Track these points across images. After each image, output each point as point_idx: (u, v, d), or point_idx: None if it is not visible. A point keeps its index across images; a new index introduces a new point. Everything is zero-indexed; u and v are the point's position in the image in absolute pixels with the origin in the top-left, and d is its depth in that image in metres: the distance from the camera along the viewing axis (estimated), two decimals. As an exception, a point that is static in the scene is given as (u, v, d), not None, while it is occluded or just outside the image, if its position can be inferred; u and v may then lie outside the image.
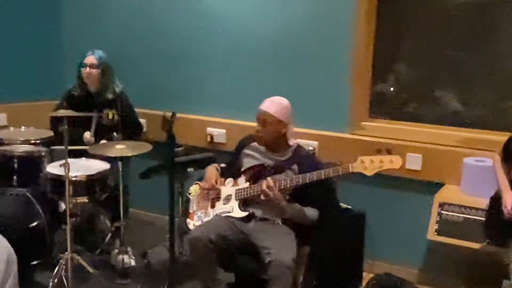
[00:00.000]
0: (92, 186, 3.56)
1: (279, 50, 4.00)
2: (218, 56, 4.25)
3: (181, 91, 4.43)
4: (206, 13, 4.23)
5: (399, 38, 3.84)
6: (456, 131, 3.63)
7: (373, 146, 3.01)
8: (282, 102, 3.19)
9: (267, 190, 3.00)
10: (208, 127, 4.29)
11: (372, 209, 3.62)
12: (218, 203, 3.28)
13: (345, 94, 3.81)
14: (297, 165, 3.17)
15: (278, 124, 3.15)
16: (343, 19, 3.73)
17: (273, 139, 3.20)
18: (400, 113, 3.87)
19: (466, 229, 3.21)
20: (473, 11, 3.62)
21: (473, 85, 3.69)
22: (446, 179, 3.54)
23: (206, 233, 3.01)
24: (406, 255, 3.75)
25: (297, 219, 3.11)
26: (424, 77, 3.84)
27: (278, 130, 3.17)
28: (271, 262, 2.86)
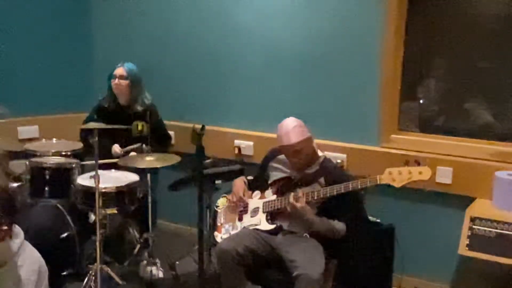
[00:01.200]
0: (121, 198, 3.60)
1: (308, 64, 4.00)
2: (247, 69, 4.27)
3: (209, 103, 4.46)
4: (236, 28, 4.25)
5: (428, 51, 3.80)
6: (487, 144, 3.57)
7: (402, 159, 2.98)
8: (295, 124, 3.15)
9: (294, 202, 2.99)
10: (236, 140, 4.30)
11: (402, 223, 3.58)
12: (245, 216, 3.29)
13: (375, 107, 3.78)
14: (324, 177, 3.16)
15: (308, 144, 3.15)
16: (372, 32, 3.71)
17: (310, 158, 3.20)
18: (430, 126, 3.83)
19: (499, 244, 3.14)
20: (503, 23, 3.57)
21: (503, 97, 3.63)
22: (478, 193, 3.47)
23: (234, 246, 3.02)
24: (436, 270, 3.69)
25: (324, 233, 3.09)
26: (454, 89, 3.79)
27: (310, 148, 3.17)
28: (298, 276, 2.85)
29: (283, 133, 3.14)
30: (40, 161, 3.80)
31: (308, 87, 4.03)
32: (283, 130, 3.15)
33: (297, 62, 4.04)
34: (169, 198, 4.01)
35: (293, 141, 3.10)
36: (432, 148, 3.65)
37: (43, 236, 3.47)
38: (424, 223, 3.70)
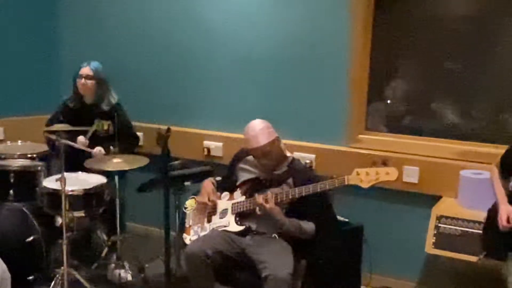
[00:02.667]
0: (89, 200, 3.55)
1: (277, 65, 4.01)
2: (215, 70, 4.26)
3: (178, 104, 4.43)
4: (205, 28, 4.24)
5: (395, 52, 3.84)
6: (453, 143, 3.63)
7: (369, 159, 3.01)
8: (262, 125, 3.15)
9: (263, 203, 2.99)
10: (205, 140, 4.29)
11: (370, 222, 3.61)
12: (214, 217, 3.27)
13: (342, 107, 3.81)
14: (293, 178, 3.17)
15: (275, 145, 3.15)
16: (340, 34, 3.74)
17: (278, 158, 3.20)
18: (397, 126, 3.88)
19: (464, 242, 3.19)
20: (469, 25, 3.63)
21: (469, 98, 3.69)
22: (444, 192, 3.53)
23: (203, 247, 3.01)
24: (404, 268, 3.74)
25: (294, 233, 3.10)
26: (421, 90, 3.84)
27: (278, 149, 3.18)
28: (267, 277, 2.85)
29: (251, 136, 3.14)
30: (5, 164, 3.73)
31: (276, 88, 4.04)
32: (251, 132, 3.14)
33: (266, 63, 4.04)
34: (138, 200, 3.98)
35: (261, 143, 3.10)
36: (399, 147, 3.70)
37: (8, 241, 3.43)
38: (392, 222, 3.75)
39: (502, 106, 3.59)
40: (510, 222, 2.70)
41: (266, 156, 3.14)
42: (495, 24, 3.56)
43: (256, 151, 3.14)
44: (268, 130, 3.14)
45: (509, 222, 2.70)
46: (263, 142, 3.10)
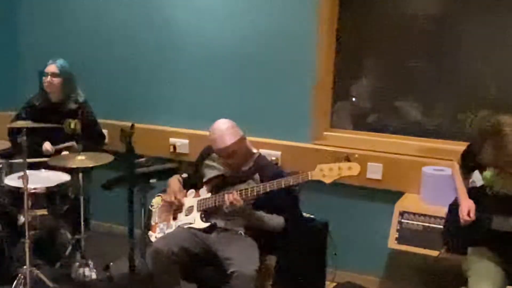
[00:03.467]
0: (52, 198, 3.51)
1: (243, 63, 4.02)
2: (181, 67, 4.25)
3: (144, 101, 4.40)
4: (170, 24, 4.22)
5: (360, 50, 3.90)
6: (415, 140, 3.70)
7: (334, 156, 3.04)
8: (227, 125, 3.13)
9: (232, 200, 2.99)
10: (171, 138, 4.27)
11: (335, 218, 3.65)
12: (180, 215, 3.27)
13: (308, 105, 3.85)
14: (259, 174, 3.18)
15: (241, 144, 3.15)
16: (304, 33, 3.78)
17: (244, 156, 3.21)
18: (361, 124, 3.93)
19: (426, 237, 3.26)
20: (432, 24, 3.70)
21: (432, 95, 3.76)
22: (406, 188, 3.60)
23: (168, 245, 3.00)
24: (368, 264, 3.80)
25: (262, 227, 3.11)
26: (385, 87, 3.90)
27: (244, 148, 3.18)
28: (233, 273, 2.86)
29: (217, 136, 3.11)
30: (-35, 162, 3.65)
31: (243, 85, 4.05)
32: (217, 132, 3.12)
33: (232, 61, 4.05)
34: (103, 198, 3.94)
35: (227, 143, 3.08)
36: (363, 144, 3.75)
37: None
38: (356, 218, 3.81)
39: (463, 103, 3.66)
40: (471, 215, 2.76)
41: (232, 156, 3.13)
42: (457, 24, 3.64)
43: (223, 151, 3.13)
44: (233, 129, 3.13)
45: (469, 216, 2.76)
46: (229, 142, 3.08)
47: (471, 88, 3.63)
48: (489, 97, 3.59)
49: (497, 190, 2.72)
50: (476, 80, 3.63)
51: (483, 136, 2.51)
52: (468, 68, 3.63)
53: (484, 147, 2.52)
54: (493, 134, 2.47)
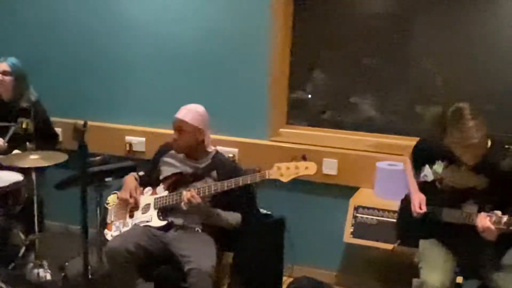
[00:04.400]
0: (5, 198, 3.44)
1: (198, 59, 4.01)
2: (137, 64, 4.21)
3: (99, 99, 4.34)
4: (127, 22, 4.18)
5: (315, 47, 3.94)
6: (369, 136, 3.77)
7: (290, 152, 3.08)
8: (198, 109, 3.21)
9: (191, 198, 2.99)
10: (127, 136, 4.23)
11: (292, 214, 3.69)
12: (136, 213, 3.25)
13: (264, 102, 3.88)
14: (216, 171, 3.19)
15: (195, 132, 3.17)
16: (260, 29, 3.80)
17: (191, 146, 3.21)
18: (317, 120, 3.98)
19: (380, 230, 3.33)
20: (386, 21, 3.76)
21: (386, 92, 3.83)
22: (361, 183, 3.66)
23: (124, 243, 2.97)
24: (325, 258, 3.86)
25: (220, 224, 3.13)
26: (341, 84, 3.95)
27: (195, 138, 3.18)
28: (190, 270, 2.86)
29: (182, 108, 3.19)
30: None
31: (199, 82, 4.04)
32: (186, 106, 3.20)
33: (188, 58, 4.04)
34: (57, 198, 3.87)
35: (180, 116, 3.15)
36: (318, 141, 3.81)
37: None
38: (313, 213, 3.86)
39: (415, 100, 3.75)
40: (422, 208, 2.84)
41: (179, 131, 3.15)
42: (410, 21, 3.72)
43: (174, 121, 3.15)
44: (198, 116, 3.17)
45: (421, 209, 2.84)
46: (183, 118, 3.13)
47: (424, 84, 3.72)
48: (440, 92, 3.68)
49: (446, 183, 2.81)
50: (427, 76, 3.71)
51: (445, 123, 2.58)
52: (420, 65, 3.71)
53: (447, 133, 2.58)
54: (455, 120, 2.54)
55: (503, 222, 2.53)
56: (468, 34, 3.53)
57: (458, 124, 2.53)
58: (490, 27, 3.49)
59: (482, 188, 2.71)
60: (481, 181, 2.71)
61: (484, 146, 2.60)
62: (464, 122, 2.51)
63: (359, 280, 3.73)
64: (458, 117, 2.54)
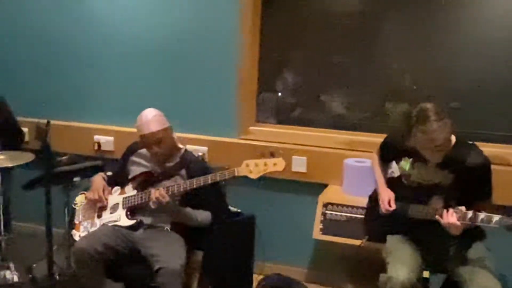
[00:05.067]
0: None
1: (168, 58, 3.99)
2: (106, 62, 4.17)
3: (67, 98, 4.29)
4: (94, 19, 4.13)
5: (285, 46, 3.95)
6: (338, 133, 3.80)
7: (260, 150, 3.09)
8: (154, 113, 3.16)
9: (160, 197, 2.98)
10: (95, 135, 4.19)
11: (262, 212, 3.69)
12: (104, 213, 3.22)
13: (233, 100, 3.88)
14: (186, 170, 3.19)
15: (168, 132, 3.16)
16: (228, 28, 3.80)
17: (170, 149, 3.20)
18: (287, 118, 3.99)
19: (348, 227, 3.37)
20: (355, 19, 3.79)
21: (355, 90, 3.86)
22: (330, 180, 3.69)
23: (92, 243, 2.95)
24: (295, 255, 3.88)
25: (189, 222, 3.12)
26: (310, 82, 3.98)
27: (171, 137, 3.18)
28: (159, 269, 2.85)
29: (143, 123, 3.12)
30: None
31: (168, 81, 4.03)
32: (143, 120, 3.13)
33: (157, 57, 4.02)
34: (25, 198, 3.80)
35: (153, 129, 3.09)
36: (288, 138, 3.82)
37: None
38: (283, 211, 3.87)
39: (384, 97, 3.79)
40: (391, 205, 2.87)
41: (157, 144, 3.13)
42: (378, 19, 3.74)
43: (148, 138, 3.12)
44: (160, 117, 3.15)
45: (390, 205, 2.87)
46: (155, 129, 3.09)
47: (391, 82, 3.76)
48: (408, 90, 3.72)
49: (413, 179, 2.85)
50: (395, 74, 3.76)
51: (410, 124, 2.60)
52: (389, 62, 3.75)
53: (411, 134, 2.61)
54: (420, 121, 2.57)
55: (467, 217, 2.57)
56: (436, 33, 3.58)
57: (422, 126, 2.53)
58: (457, 26, 3.55)
59: (448, 184, 2.75)
60: (446, 177, 2.75)
61: (447, 146, 2.64)
62: (428, 124, 2.52)
63: (329, 276, 3.76)
64: (422, 119, 2.55)
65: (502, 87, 3.47)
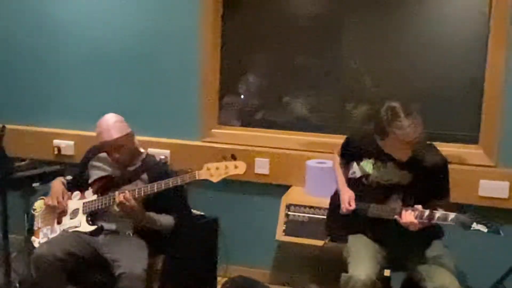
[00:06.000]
0: None
1: (129, 62, 3.97)
2: (65, 65, 4.11)
3: (25, 102, 4.22)
4: (50, 21, 4.07)
5: (246, 48, 3.96)
6: (300, 135, 3.83)
7: (223, 153, 3.08)
8: (115, 119, 3.11)
9: (124, 200, 2.95)
10: (55, 139, 4.12)
11: (225, 214, 3.71)
12: (65, 218, 3.17)
13: (195, 103, 3.87)
14: (147, 174, 3.16)
15: (129, 138, 3.13)
16: (189, 30, 3.80)
17: (133, 152, 3.17)
18: (250, 120, 4.00)
19: (311, 228, 3.39)
20: (316, 22, 3.82)
21: (317, 91, 3.89)
22: (292, 181, 3.71)
23: (52, 250, 2.89)
24: (258, 257, 3.88)
25: (153, 227, 3.09)
26: (272, 84, 3.99)
27: (132, 143, 3.15)
28: (121, 275, 2.82)
29: (103, 129, 3.08)
30: None
31: (129, 84, 4.00)
32: (103, 126, 3.09)
33: (118, 59, 3.99)
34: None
35: (114, 136, 3.05)
36: (250, 141, 3.83)
37: None
38: (246, 213, 3.88)
39: (346, 98, 3.83)
40: (351, 205, 2.90)
41: (118, 150, 3.09)
42: (340, 21, 3.79)
43: (108, 145, 3.08)
44: (121, 124, 3.11)
45: (350, 205, 2.90)
46: (115, 135, 3.05)
47: (352, 84, 3.80)
48: (369, 91, 3.77)
49: (373, 179, 2.89)
50: (356, 75, 3.80)
51: (383, 123, 2.63)
52: (349, 64, 3.79)
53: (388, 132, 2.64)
54: (391, 120, 2.60)
55: (425, 216, 2.62)
56: (396, 34, 3.64)
57: (397, 122, 2.57)
58: (417, 27, 3.61)
59: (406, 184, 2.80)
60: (405, 177, 2.80)
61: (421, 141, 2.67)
62: (401, 120, 2.57)
63: (292, 277, 3.78)
64: (394, 116, 2.59)
65: (459, 88, 3.55)
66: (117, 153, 3.11)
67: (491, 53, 3.36)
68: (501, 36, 3.29)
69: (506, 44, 3.28)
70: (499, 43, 3.30)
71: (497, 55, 3.32)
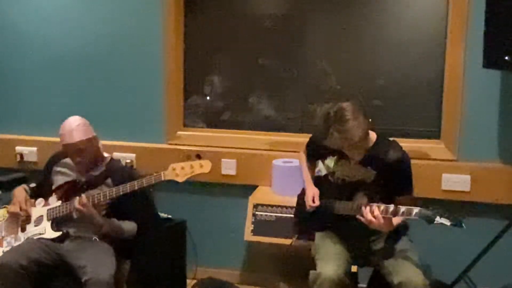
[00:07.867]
0: None
1: (91, 65, 3.93)
2: (24, 70, 4.05)
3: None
4: (11, 28, 4.01)
5: (210, 49, 3.95)
6: (266, 135, 3.84)
7: (187, 154, 3.07)
8: (78, 122, 3.08)
9: (79, 207, 2.91)
10: (17, 146, 4.05)
11: (193, 216, 3.70)
12: (28, 226, 3.11)
13: (159, 105, 3.85)
14: (111, 178, 3.13)
15: (92, 142, 3.09)
16: (151, 32, 3.78)
17: (96, 157, 3.13)
18: (216, 121, 4.00)
19: (279, 227, 3.40)
20: (279, 22, 3.84)
21: (282, 91, 3.91)
22: (259, 181, 3.72)
23: (16, 258, 2.84)
24: (227, 258, 3.88)
25: (114, 234, 3.06)
26: (237, 85, 3.99)
27: (95, 147, 3.12)
28: (88, 281, 2.78)
29: (66, 132, 3.04)
30: None
31: (92, 88, 3.96)
32: (66, 128, 3.04)
33: (79, 63, 3.95)
34: None
35: (76, 139, 3.01)
36: (217, 142, 3.83)
37: None
38: (214, 214, 3.88)
39: (310, 98, 3.85)
40: (315, 202, 2.93)
41: (80, 154, 3.05)
42: (302, 22, 3.80)
43: (70, 147, 3.04)
44: (84, 127, 3.07)
45: (314, 202, 2.93)
46: (78, 138, 3.01)
47: (316, 83, 3.83)
48: (332, 90, 3.80)
49: (338, 176, 2.92)
50: (320, 75, 3.82)
51: (328, 123, 2.66)
52: (313, 64, 3.82)
53: (329, 133, 2.67)
54: (337, 121, 2.63)
55: (389, 211, 2.65)
56: (358, 34, 3.68)
57: (338, 125, 2.61)
58: (378, 27, 3.66)
59: (371, 180, 2.84)
60: (369, 174, 2.83)
61: (365, 143, 2.73)
62: (343, 123, 2.60)
63: (262, 277, 3.79)
64: (338, 118, 2.62)
65: (420, 86, 3.61)
66: (79, 157, 3.07)
67: (449, 52, 3.43)
68: (459, 35, 3.36)
69: (464, 42, 3.35)
70: (457, 41, 3.38)
71: (455, 53, 3.39)
